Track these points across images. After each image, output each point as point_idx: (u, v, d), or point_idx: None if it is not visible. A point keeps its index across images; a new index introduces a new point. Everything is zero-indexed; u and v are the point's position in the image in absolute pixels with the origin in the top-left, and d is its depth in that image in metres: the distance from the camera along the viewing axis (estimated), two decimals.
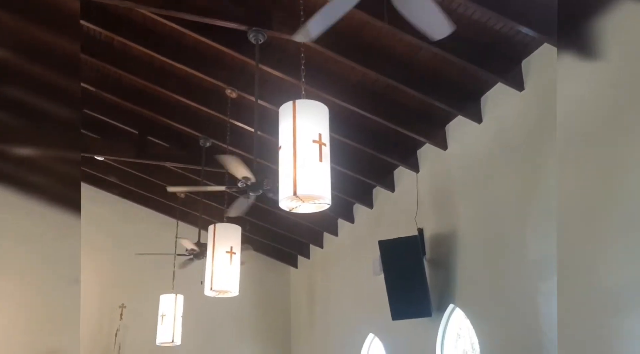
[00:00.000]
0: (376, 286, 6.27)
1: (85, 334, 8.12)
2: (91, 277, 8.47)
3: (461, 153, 5.37)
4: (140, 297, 8.37)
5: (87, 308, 8.26)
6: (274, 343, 9.18)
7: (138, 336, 8.14)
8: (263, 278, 9.40)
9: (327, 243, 8.38)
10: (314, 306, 8.60)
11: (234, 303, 8.48)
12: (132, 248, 8.53)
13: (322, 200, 3.25)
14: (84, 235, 8.51)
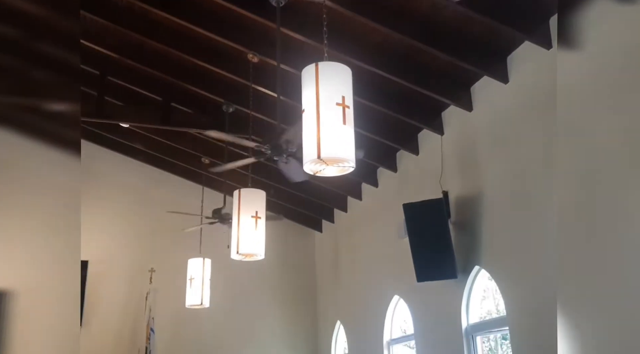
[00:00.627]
0: (401, 249, 6.31)
1: (116, 297, 8.41)
2: (121, 242, 8.70)
3: (487, 114, 5.28)
4: (168, 261, 8.57)
5: (117, 272, 8.53)
6: (300, 305, 9.36)
7: (168, 299, 8.37)
8: (288, 243, 9.52)
9: (351, 208, 8.41)
10: (339, 269, 8.71)
11: (261, 266, 8.63)
12: (159, 214, 8.70)
13: (346, 163, 3.25)
14: (113, 202, 8.77)
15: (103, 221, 8.69)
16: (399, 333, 6.96)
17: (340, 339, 8.67)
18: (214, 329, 8.67)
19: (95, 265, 8.34)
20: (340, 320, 8.54)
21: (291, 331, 9.17)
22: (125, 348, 8.15)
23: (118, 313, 8.35)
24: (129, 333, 8.27)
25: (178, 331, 8.48)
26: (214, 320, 8.61)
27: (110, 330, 8.22)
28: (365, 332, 7.49)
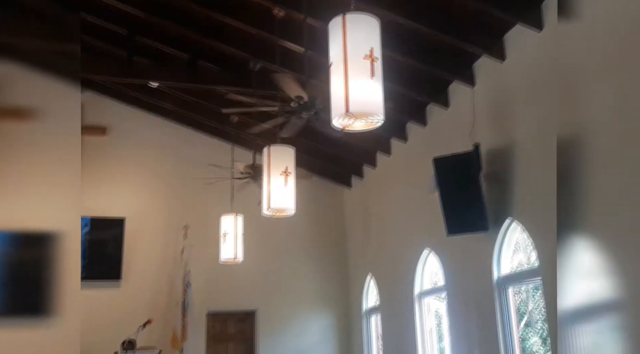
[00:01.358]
0: (430, 203, 6.30)
1: (152, 253, 8.68)
2: (155, 200, 8.92)
3: (520, 64, 5.12)
4: (202, 218, 8.77)
5: (153, 229, 8.77)
6: (331, 260, 9.52)
7: (202, 254, 8.60)
8: (318, 199, 9.60)
9: (380, 163, 8.39)
10: (369, 224, 8.78)
11: (292, 222, 8.76)
12: (191, 172, 8.85)
13: (375, 117, 3.22)
14: (146, 161, 8.94)
15: (137, 180, 8.90)
16: (430, 286, 7.05)
17: (371, 292, 8.82)
18: (247, 283, 8.92)
19: (131, 222, 8.59)
20: (371, 273, 8.67)
21: (323, 284, 9.36)
22: (163, 302, 8.46)
23: (155, 268, 8.63)
24: (166, 287, 8.57)
25: (213, 285, 8.75)
26: (248, 274, 8.85)
27: (148, 284, 8.52)
28: (395, 285, 7.60)
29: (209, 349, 8.71)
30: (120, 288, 8.40)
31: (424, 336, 6.89)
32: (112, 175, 8.75)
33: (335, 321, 9.26)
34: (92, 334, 7.77)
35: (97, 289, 8.23)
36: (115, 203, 8.63)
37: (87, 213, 8.35)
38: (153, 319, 7.39)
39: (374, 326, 8.75)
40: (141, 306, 8.21)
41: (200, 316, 8.57)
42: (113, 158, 8.83)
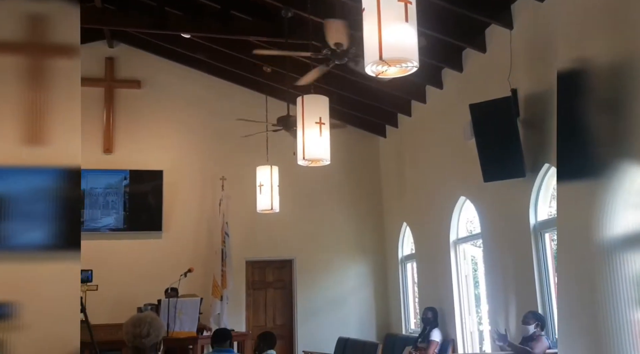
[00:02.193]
0: (466, 150, 6.22)
1: (191, 205, 8.90)
2: (191, 152, 9.07)
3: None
4: (238, 170, 8.90)
5: (190, 181, 8.96)
6: (366, 209, 9.59)
7: (239, 205, 8.78)
8: (353, 149, 9.60)
9: (415, 111, 8.28)
10: (404, 173, 8.76)
11: (326, 172, 8.83)
12: (226, 124, 8.92)
13: (409, 63, 3.15)
14: (181, 114, 9.04)
15: (173, 133, 9.03)
16: (465, 233, 7.05)
17: (406, 240, 8.90)
18: (284, 232, 9.10)
19: (169, 174, 8.79)
20: (406, 222, 8.72)
21: (358, 233, 9.48)
22: (202, 251, 8.73)
23: (194, 219, 8.87)
24: (205, 237, 8.82)
25: (251, 235, 8.96)
26: (284, 224, 9.01)
27: (188, 235, 8.79)
28: (431, 233, 7.64)
29: (249, 296, 9.02)
30: (162, 239, 8.69)
31: (459, 283, 6.96)
32: (148, 128, 8.90)
33: (372, 268, 9.42)
34: (137, 283, 8.14)
35: (140, 239, 8.54)
36: (152, 156, 8.81)
37: (125, 166, 8.58)
38: (194, 268, 7.66)
39: (409, 273, 8.87)
40: (182, 256, 8.49)
41: (239, 264, 8.83)
42: (148, 112, 8.96)
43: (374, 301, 9.30)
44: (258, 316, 9.02)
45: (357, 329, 8.89)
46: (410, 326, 8.68)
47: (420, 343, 6.90)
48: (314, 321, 8.93)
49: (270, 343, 5.09)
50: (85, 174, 8.33)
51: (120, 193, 8.49)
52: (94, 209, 8.35)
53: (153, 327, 2.77)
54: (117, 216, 8.44)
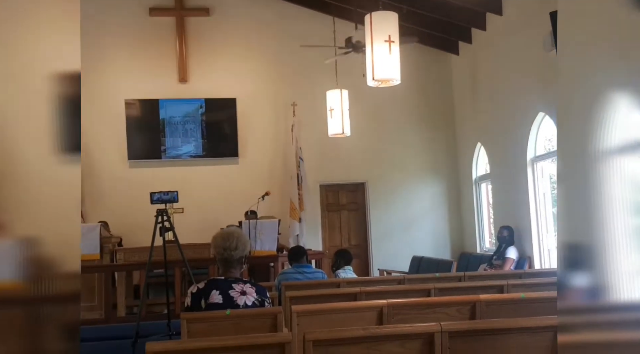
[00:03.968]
0: (546, 63, 5.89)
1: (265, 131, 9.09)
2: (262, 79, 9.15)
3: None
4: (308, 95, 8.93)
5: (262, 108, 9.11)
6: (439, 129, 9.42)
7: (311, 130, 8.88)
8: (424, 68, 9.33)
9: (490, 24, 7.84)
10: (478, 90, 8.45)
11: (397, 93, 8.70)
12: (294, 49, 8.87)
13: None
14: (249, 40, 9.06)
15: (243, 60, 9.11)
16: (543, 151, 6.82)
17: (481, 159, 8.73)
18: (356, 155, 9.17)
19: (242, 102, 8.96)
20: (480, 141, 8.51)
21: (431, 154, 9.39)
22: (278, 176, 9.01)
23: (268, 145, 9.10)
24: (280, 162, 9.06)
25: (324, 159, 9.10)
26: (356, 147, 9.07)
27: (263, 160, 9.06)
28: (507, 151, 7.44)
29: (324, 218, 9.29)
30: (239, 165, 9.02)
31: (537, 201, 6.81)
32: (220, 56, 9.02)
33: (445, 189, 9.38)
34: (218, 206, 8.59)
35: (219, 165, 8.91)
36: (225, 84, 8.98)
37: (200, 95, 8.82)
38: (271, 192, 7.94)
39: (484, 193, 8.77)
40: (259, 180, 8.81)
41: (313, 188, 9.06)
42: (219, 39, 9.04)
43: (448, 221, 9.33)
44: (334, 236, 9.33)
45: (430, 249, 9.02)
46: (485, 245, 8.70)
47: (496, 260, 6.93)
48: (388, 241, 9.13)
49: (347, 260, 5.29)
50: (164, 103, 8.67)
51: (197, 122, 8.81)
52: (174, 137, 8.74)
53: (240, 241, 2.96)
54: (196, 143, 8.80)
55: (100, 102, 8.61)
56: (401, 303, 3.16)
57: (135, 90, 8.69)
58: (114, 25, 8.76)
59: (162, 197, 4.73)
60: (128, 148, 8.60)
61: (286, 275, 4.80)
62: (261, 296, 2.91)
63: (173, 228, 4.69)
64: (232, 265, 2.95)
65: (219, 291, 2.83)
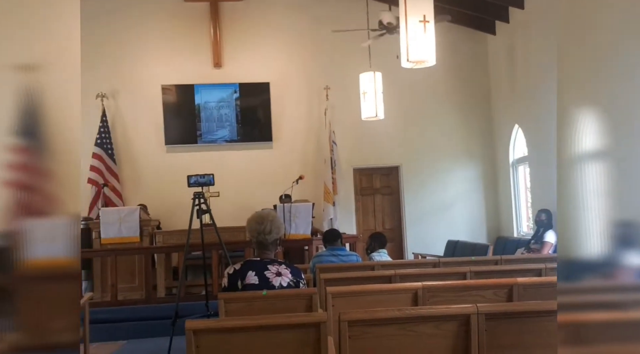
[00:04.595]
0: None
1: (298, 115, 9.11)
2: (294, 62, 9.14)
3: None
4: (341, 78, 8.89)
5: (296, 92, 9.12)
6: (475, 111, 9.26)
7: (345, 113, 8.85)
8: (459, 49, 9.15)
9: (528, 2, 7.62)
10: (516, 72, 8.25)
11: (431, 74, 8.56)
12: (326, 33, 8.81)
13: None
14: (281, 23, 9.04)
15: (276, 44, 9.11)
16: None
17: (518, 143, 8.55)
18: (390, 138, 9.11)
19: (275, 86, 8.99)
20: (518, 124, 8.33)
21: (466, 137, 9.24)
22: (312, 160, 9.03)
23: (302, 129, 9.11)
24: (313, 146, 9.07)
25: (357, 143, 9.07)
26: (390, 130, 9.00)
27: (297, 144, 9.08)
28: (547, 134, 7.26)
29: (357, 202, 9.29)
30: (273, 149, 9.07)
31: None
32: (253, 41, 9.04)
33: (481, 173, 9.24)
34: (253, 190, 8.68)
35: (253, 150, 8.98)
36: (259, 68, 9.01)
37: (235, 80, 8.88)
38: (305, 176, 7.98)
39: (521, 176, 8.60)
40: (293, 165, 8.85)
41: (347, 171, 9.05)
42: (252, 24, 9.05)
43: (484, 205, 9.20)
44: (367, 220, 9.32)
45: (466, 233, 8.92)
46: (522, 229, 8.55)
47: (534, 244, 6.82)
48: (423, 225, 9.08)
49: (381, 243, 5.29)
50: (199, 89, 8.77)
51: (232, 106, 8.88)
52: (210, 122, 8.85)
53: (274, 224, 3.00)
54: (231, 128, 8.89)
55: (139, 88, 8.77)
56: (437, 286, 3.15)
57: (171, 76, 8.81)
58: (150, 12, 8.87)
59: (199, 180, 4.82)
60: (165, 133, 8.75)
61: (321, 257, 4.84)
62: (296, 278, 2.94)
63: (210, 210, 4.77)
64: (266, 247, 3.00)
65: (255, 272, 2.88)
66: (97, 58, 8.66)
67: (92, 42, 8.67)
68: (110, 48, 8.75)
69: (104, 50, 8.72)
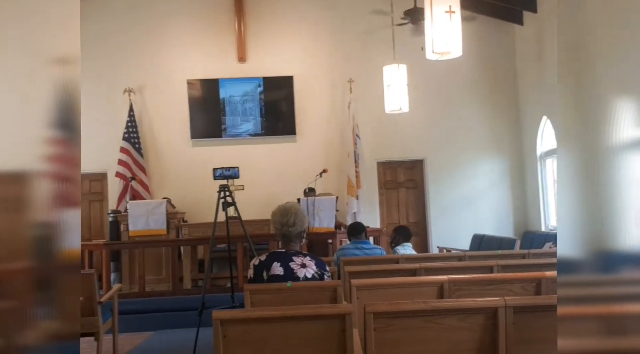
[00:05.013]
0: None
1: (321, 108, 9.10)
2: (318, 56, 9.12)
3: None
4: (364, 71, 8.84)
5: (319, 85, 9.10)
6: (501, 103, 9.13)
7: (368, 106, 8.81)
8: (485, 40, 9.02)
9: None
10: (544, 62, 8.09)
11: (457, 66, 8.46)
12: (349, 25, 8.78)
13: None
14: (304, 16, 9.03)
15: (299, 37, 9.10)
16: None
17: (546, 134, 8.40)
18: (414, 131, 9.04)
19: (299, 80, 8.99)
20: (547, 115, 8.19)
21: (492, 129, 9.12)
22: (335, 153, 9.02)
23: (325, 123, 9.10)
24: (337, 140, 9.06)
25: (381, 136, 9.02)
26: (414, 123, 8.93)
27: (320, 138, 9.08)
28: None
29: (381, 195, 9.25)
30: (296, 143, 9.09)
31: None
32: (276, 34, 9.05)
33: (508, 165, 9.11)
34: (277, 183, 8.72)
35: (277, 143, 9.01)
36: (282, 62, 9.02)
37: (259, 74, 8.90)
38: (328, 169, 7.97)
39: (549, 169, 8.45)
40: (316, 158, 8.86)
41: (371, 165, 9.02)
42: (275, 17, 9.06)
43: (511, 198, 9.08)
44: (391, 214, 9.28)
45: (492, 227, 8.82)
46: (551, 223, 8.41)
47: None
48: (448, 219, 9.00)
49: (406, 236, 5.26)
50: (224, 83, 8.82)
51: (256, 100, 8.92)
52: (234, 116, 8.90)
53: (298, 217, 3.01)
54: (255, 122, 8.93)
55: (165, 83, 8.87)
56: (463, 279, 3.12)
57: (196, 71, 8.89)
58: (175, 8, 8.95)
59: (224, 173, 4.85)
60: (191, 127, 8.84)
61: (345, 250, 4.83)
62: (321, 270, 2.94)
63: (235, 203, 4.81)
64: (291, 240, 3.01)
65: (280, 263, 2.89)
66: (124, 54, 8.79)
67: (119, 38, 8.80)
68: (137, 44, 8.86)
69: (131, 46, 8.84)
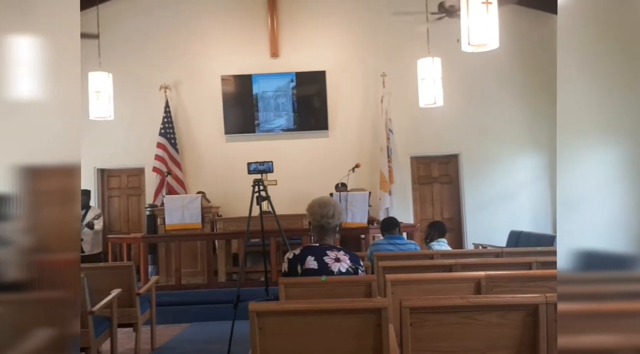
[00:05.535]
0: None
1: (354, 103, 9.05)
2: (350, 50, 9.07)
3: None
4: (398, 64, 8.75)
5: (351, 80, 9.05)
6: (540, 96, 8.90)
7: (402, 100, 8.72)
8: (523, 31, 8.81)
9: None
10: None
11: (493, 59, 8.30)
12: (382, 18, 8.70)
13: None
14: (336, 11, 8.98)
15: (331, 31, 9.07)
16: None
17: None
18: (449, 125, 8.91)
19: (331, 74, 8.96)
20: None
21: (530, 123, 8.91)
22: (368, 148, 8.96)
23: (358, 117, 9.06)
24: (369, 134, 9.00)
25: (414, 130, 8.92)
26: (449, 117, 8.80)
27: (352, 133, 9.04)
28: None
29: (415, 191, 9.16)
30: (329, 138, 9.07)
31: None
32: (309, 29, 9.04)
33: (547, 160, 8.89)
34: (310, 178, 8.72)
35: (309, 138, 9.02)
36: (315, 57, 9.01)
37: (291, 69, 8.92)
38: (361, 164, 7.94)
39: None
40: (348, 153, 8.83)
41: (404, 160, 8.94)
42: (308, 12, 9.05)
43: (550, 195, 8.86)
44: (425, 209, 9.18)
45: (530, 223, 8.63)
46: None
47: None
48: (483, 215, 8.85)
49: (441, 232, 5.19)
50: (256, 78, 8.87)
51: (288, 95, 8.94)
52: (267, 111, 8.94)
53: (337, 210, 3.00)
54: (288, 117, 8.95)
55: (199, 79, 8.98)
56: (501, 275, 3.06)
57: (230, 66, 8.95)
58: (209, 4, 9.03)
59: (258, 167, 4.88)
60: (224, 122, 8.92)
61: (378, 245, 4.80)
62: (355, 264, 2.92)
63: (269, 197, 4.83)
64: (327, 233, 3.00)
65: (314, 257, 2.89)
66: (160, 51, 8.93)
67: (155, 36, 8.95)
68: (171, 41, 8.98)
69: (166, 43, 8.97)
